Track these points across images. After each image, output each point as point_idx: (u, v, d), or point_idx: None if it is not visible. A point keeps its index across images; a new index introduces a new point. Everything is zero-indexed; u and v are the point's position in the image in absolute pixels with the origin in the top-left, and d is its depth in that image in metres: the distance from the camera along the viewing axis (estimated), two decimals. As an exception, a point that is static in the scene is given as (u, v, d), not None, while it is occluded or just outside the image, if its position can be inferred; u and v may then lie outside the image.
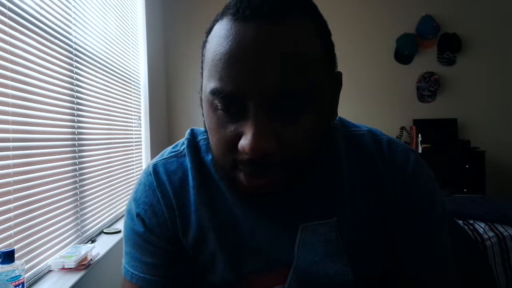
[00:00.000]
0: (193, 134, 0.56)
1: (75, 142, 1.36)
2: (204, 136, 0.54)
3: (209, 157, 0.52)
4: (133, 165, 2.16)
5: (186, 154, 0.53)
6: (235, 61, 0.38)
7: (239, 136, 0.40)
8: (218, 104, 0.41)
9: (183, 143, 0.55)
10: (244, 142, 0.39)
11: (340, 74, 0.48)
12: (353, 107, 2.88)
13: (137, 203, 0.52)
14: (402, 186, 0.51)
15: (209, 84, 0.41)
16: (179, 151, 0.54)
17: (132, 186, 2.13)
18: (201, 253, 0.51)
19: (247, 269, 0.50)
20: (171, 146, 0.56)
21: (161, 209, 0.51)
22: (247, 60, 0.38)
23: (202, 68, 0.45)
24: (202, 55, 0.45)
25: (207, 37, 0.44)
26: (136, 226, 0.52)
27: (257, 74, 0.38)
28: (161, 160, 0.54)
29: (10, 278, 0.82)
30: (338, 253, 0.50)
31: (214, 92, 0.40)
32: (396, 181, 0.51)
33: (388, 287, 0.55)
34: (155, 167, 0.53)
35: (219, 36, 0.40)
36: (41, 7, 1.14)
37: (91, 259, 1.23)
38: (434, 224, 0.52)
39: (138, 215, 0.52)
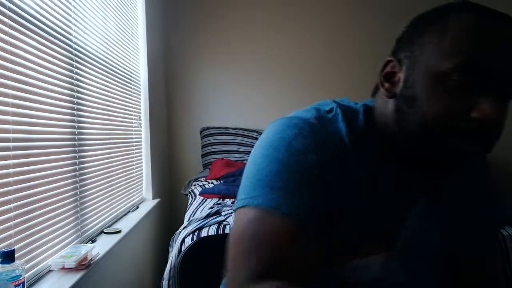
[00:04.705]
0: (339, 103, 0.62)
1: (75, 142, 1.36)
2: (349, 107, 0.61)
3: (359, 125, 0.59)
4: (133, 165, 2.16)
5: (340, 119, 0.58)
6: (490, 46, 0.48)
7: (469, 107, 0.49)
8: (456, 77, 0.49)
9: (327, 109, 0.60)
10: (487, 109, 0.47)
11: None
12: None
13: (306, 140, 0.54)
14: (480, 178, 0.67)
15: (453, 59, 0.49)
16: (327, 116, 0.59)
17: (132, 186, 2.13)
18: (338, 208, 0.55)
19: (365, 232, 0.57)
20: (308, 109, 0.61)
21: (331, 145, 0.55)
22: (500, 48, 0.48)
23: (421, 47, 0.53)
24: (430, 36, 0.52)
25: (436, 23, 0.52)
26: (308, 161, 0.53)
27: (506, 60, 0.48)
28: (314, 117, 0.58)
29: (10, 278, 0.82)
30: (441, 229, 0.61)
31: (462, 65, 0.48)
32: (477, 172, 0.67)
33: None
34: (316, 118, 0.58)
35: (473, 25, 0.49)
36: (41, 7, 1.14)
37: (91, 259, 1.23)
38: (497, 216, 0.70)
39: (313, 150, 0.54)
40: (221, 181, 2.33)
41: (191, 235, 1.37)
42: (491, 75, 0.48)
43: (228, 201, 1.87)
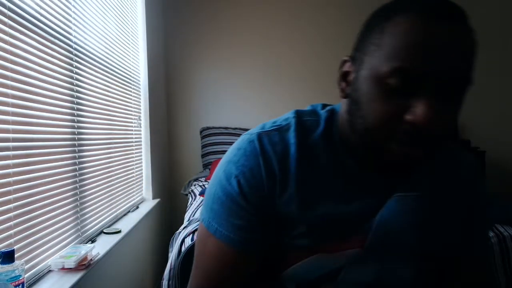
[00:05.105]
0: (299, 114, 0.62)
1: (75, 142, 1.36)
2: (310, 118, 0.61)
3: (316, 134, 0.59)
4: (133, 165, 2.16)
5: (292, 129, 0.59)
6: (425, 48, 0.47)
7: (405, 109, 0.48)
8: (392, 81, 0.48)
9: (285, 120, 0.61)
10: (419, 112, 0.46)
11: None
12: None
13: (236, 165, 0.57)
14: (470, 177, 0.64)
15: (389, 62, 0.48)
16: (281, 126, 0.60)
17: (132, 186, 2.13)
18: (290, 218, 0.56)
19: (332, 236, 0.56)
20: (270, 122, 0.62)
21: (261, 173, 0.56)
22: (437, 49, 0.46)
23: (366, 49, 0.52)
24: (374, 38, 0.51)
25: (381, 23, 0.51)
26: (230, 187, 0.56)
27: (443, 61, 0.47)
28: (264, 131, 0.59)
29: (10, 278, 0.82)
30: (416, 225, 0.58)
31: (398, 70, 0.47)
32: (466, 171, 0.65)
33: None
34: (259, 136, 0.58)
35: (410, 27, 0.48)
36: (41, 7, 1.14)
37: (91, 259, 1.23)
38: (489, 215, 0.67)
39: (236, 176, 0.56)
40: (221, 181, 2.32)
41: (191, 235, 1.37)
42: (428, 77, 0.47)
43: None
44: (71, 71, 1.35)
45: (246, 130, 2.91)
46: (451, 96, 0.49)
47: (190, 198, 2.21)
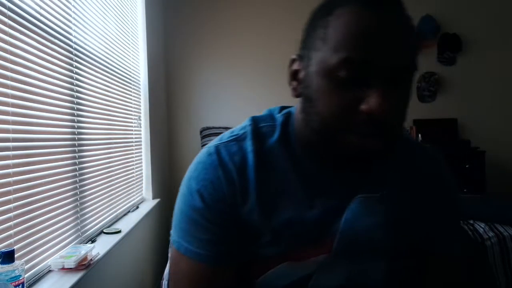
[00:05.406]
0: (254, 121, 0.62)
1: (75, 142, 1.36)
2: (267, 124, 0.61)
3: (272, 140, 0.59)
4: (133, 165, 2.16)
5: (248, 138, 0.59)
6: (368, 37, 0.47)
7: (358, 100, 0.48)
8: (343, 73, 0.47)
9: (242, 128, 0.61)
10: (373, 101, 0.46)
11: None
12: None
13: (197, 180, 0.57)
14: (435, 171, 0.64)
15: (337, 55, 0.48)
16: (239, 135, 0.60)
17: (132, 186, 2.13)
18: (255, 227, 0.56)
19: (298, 242, 0.56)
20: (228, 132, 0.62)
21: (222, 185, 0.56)
22: (379, 37, 0.47)
23: (312, 45, 0.52)
24: (318, 33, 0.51)
25: (324, 18, 0.51)
26: (194, 202, 0.56)
27: (389, 50, 0.47)
28: (222, 143, 0.59)
29: (10, 278, 0.82)
30: (381, 225, 0.57)
31: (345, 61, 0.47)
32: (431, 166, 0.64)
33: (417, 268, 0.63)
34: (217, 148, 0.58)
35: (352, 19, 0.48)
36: (41, 7, 1.14)
37: (91, 259, 1.23)
38: (459, 208, 0.65)
39: (198, 191, 0.56)
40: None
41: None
42: (376, 65, 0.47)
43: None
44: (71, 71, 1.35)
45: (246, 130, 2.92)
46: (399, 82, 0.49)
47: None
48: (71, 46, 1.34)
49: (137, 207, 2.15)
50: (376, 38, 0.47)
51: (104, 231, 1.60)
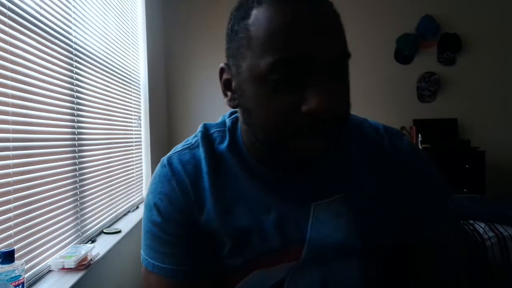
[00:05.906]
0: (206, 127, 0.61)
1: (75, 142, 1.36)
2: (218, 129, 0.60)
3: (223, 146, 0.57)
4: (133, 165, 2.16)
5: (200, 145, 0.57)
6: (296, 34, 0.44)
7: (298, 103, 0.44)
8: (275, 76, 0.44)
9: (195, 136, 0.60)
10: (313, 99, 0.43)
11: None
12: (353, 107, 2.88)
13: (153, 194, 0.56)
14: (407, 161, 0.58)
15: (265, 59, 0.44)
16: (191, 144, 0.59)
17: (132, 186, 2.13)
18: (215, 236, 0.54)
19: (262, 249, 0.54)
20: (183, 142, 0.61)
21: (177, 196, 0.54)
22: (304, 30, 0.44)
23: (237, 52, 0.48)
24: (240, 39, 0.48)
25: (242, 22, 0.48)
26: (153, 217, 0.55)
27: (318, 42, 0.44)
28: (175, 153, 0.58)
29: (10, 278, 0.82)
30: (349, 225, 0.55)
31: (275, 63, 0.44)
32: (400, 156, 0.58)
33: (398, 260, 0.60)
34: (169, 159, 0.57)
35: (271, 18, 0.45)
36: (41, 7, 1.14)
37: (91, 259, 1.23)
38: (442, 188, 0.59)
39: (155, 205, 0.55)
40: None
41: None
42: (307, 60, 0.43)
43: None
44: (71, 71, 1.35)
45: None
46: (336, 73, 0.46)
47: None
48: (71, 46, 1.34)
49: (137, 207, 2.15)
50: (301, 32, 0.43)
51: (104, 231, 1.60)
